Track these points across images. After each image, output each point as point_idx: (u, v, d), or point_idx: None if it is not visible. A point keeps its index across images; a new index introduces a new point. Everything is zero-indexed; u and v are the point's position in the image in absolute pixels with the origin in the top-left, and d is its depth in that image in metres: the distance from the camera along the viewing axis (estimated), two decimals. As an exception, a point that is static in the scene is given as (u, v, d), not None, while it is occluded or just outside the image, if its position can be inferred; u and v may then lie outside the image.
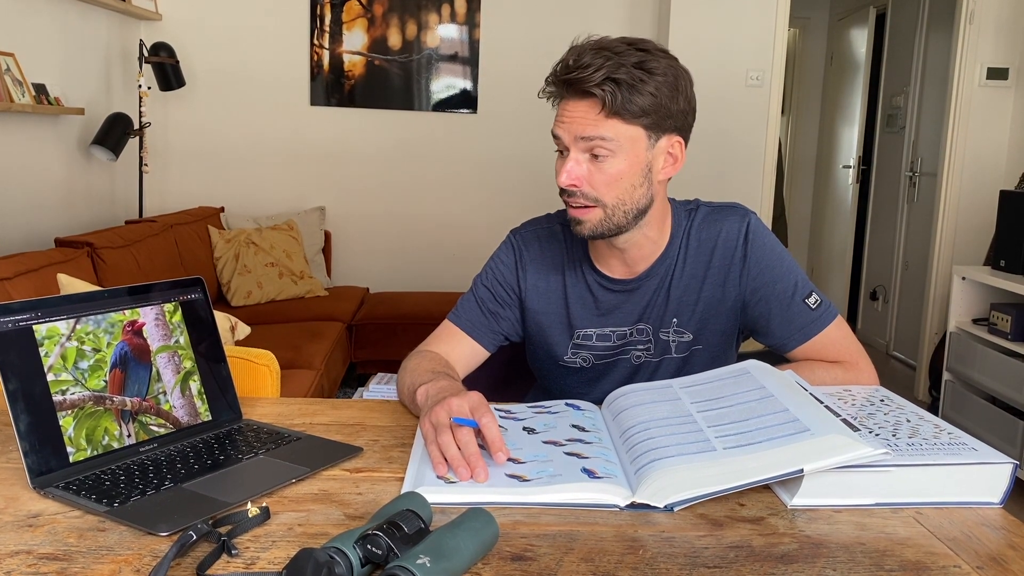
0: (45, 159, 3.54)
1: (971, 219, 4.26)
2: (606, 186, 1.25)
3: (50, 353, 0.98)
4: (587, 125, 1.23)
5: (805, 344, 1.36)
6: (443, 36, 4.63)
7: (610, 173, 1.25)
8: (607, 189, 1.26)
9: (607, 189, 1.26)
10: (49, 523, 0.86)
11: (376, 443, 1.11)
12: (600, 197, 1.26)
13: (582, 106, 1.23)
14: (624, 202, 1.27)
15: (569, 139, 1.25)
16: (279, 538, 0.84)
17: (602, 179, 1.25)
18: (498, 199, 4.73)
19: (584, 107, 1.23)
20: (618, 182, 1.25)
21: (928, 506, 0.94)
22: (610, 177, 1.25)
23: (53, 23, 3.58)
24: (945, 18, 4.57)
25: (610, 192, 1.26)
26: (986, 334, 3.48)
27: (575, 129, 1.24)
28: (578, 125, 1.24)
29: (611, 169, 1.24)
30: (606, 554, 0.82)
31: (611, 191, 1.26)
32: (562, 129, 1.26)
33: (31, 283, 2.56)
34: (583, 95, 1.23)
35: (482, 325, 1.43)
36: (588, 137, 1.23)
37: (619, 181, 1.25)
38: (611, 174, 1.25)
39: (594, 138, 1.23)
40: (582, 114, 1.23)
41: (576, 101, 1.24)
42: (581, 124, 1.23)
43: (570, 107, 1.25)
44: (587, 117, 1.23)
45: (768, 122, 4.45)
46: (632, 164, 1.25)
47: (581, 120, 1.23)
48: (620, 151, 1.24)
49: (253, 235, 4.24)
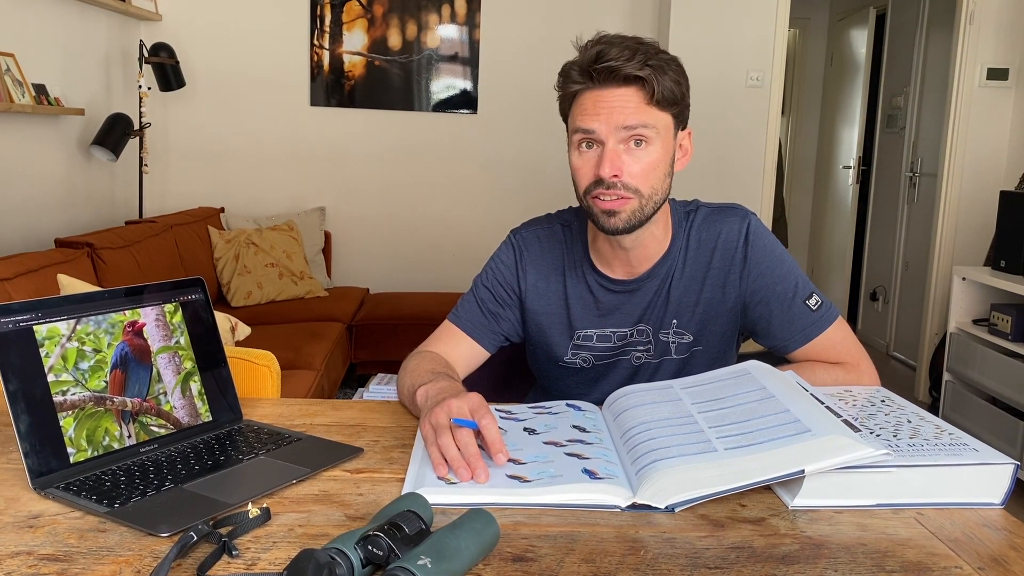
0: (45, 159, 3.54)
1: (971, 219, 4.26)
2: (643, 176, 1.24)
3: (50, 354, 0.98)
4: (630, 113, 1.21)
5: (806, 346, 1.36)
6: (443, 36, 4.63)
7: (648, 162, 1.24)
8: (644, 178, 1.24)
9: (644, 178, 1.24)
10: (50, 524, 0.86)
11: (377, 444, 1.11)
12: (638, 186, 1.24)
13: (623, 94, 1.22)
14: (656, 192, 1.26)
15: (608, 129, 1.22)
16: (280, 539, 0.84)
17: (639, 169, 1.24)
18: (498, 199, 4.73)
19: (625, 95, 1.22)
20: (654, 171, 1.25)
21: (929, 507, 0.94)
22: (647, 166, 1.24)
23: (53, 23, 3.58)
24: (945, 18, 4.57)
25: (646, 181, 1.25)
26: (986, 335, 3.47)
27: (617, 118, 1.21)
28: (619, 114, 1.21)
29: (649, 157, 1.24)
30: (607, 555, 0.82)
31: (647, 180, 1.25)
32: (598, 120, 1.22)
33: (31, 284, 2.56)
34: (622, 83, 1.21)
35: (482, 326, 1.43)
36: (631, 125, 1.22)
37: (655, 170, 1.25)
38: (648, 163, 1.24)
39: (637, 126, 1.22)
40: (623, 102, 1.21)
41: (613, 89, 1.22)
42: (623, 112, 1.21)
43: (607, 96, 1.22)
44: (628, 105, 1.21)
45: (768, 123, 4.45)
46: (665, 153, 1.26)
47: (623, 108, 1.21)
48: (657, 139, 1.24)
49: (253, 235, 4.24)
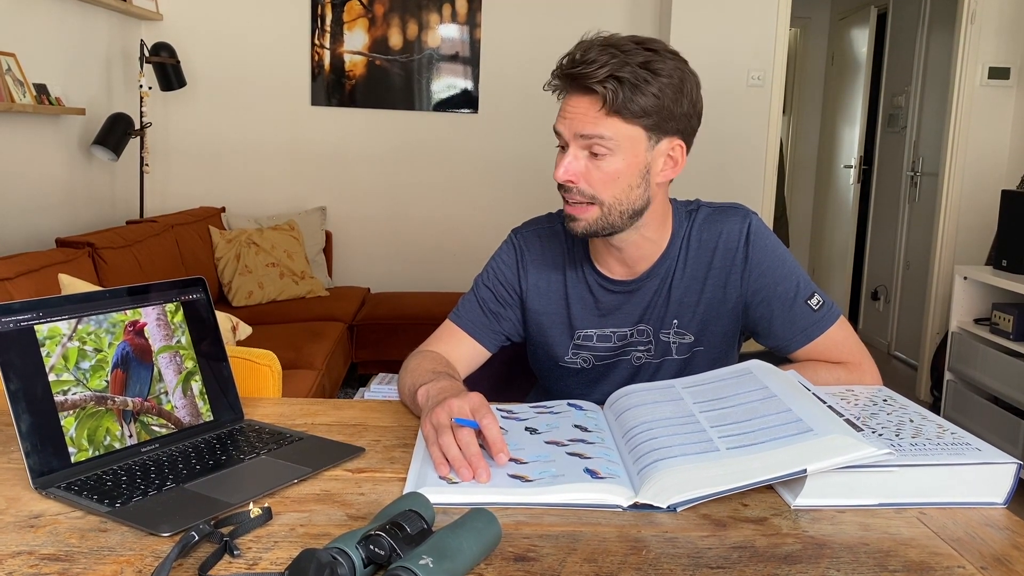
0: (46, 159, 3.54)
1: (972, 219, 4.26)
2: (603, 185, 1.25)
3: (51, 353, 0.98)
4: (587, 122, 1.22)
5: (808, 345, 1.35)
6: (444, 36, 4.63)
7: (607, 172, 1.24)
8: (604, 188, 1.25)
9: (604, 188, 1.25)
10: (51, 524, 0.86)
11: (378, 443, 1.11)
12: (597, 195, 1.25)
13: (584, 102, 1.23)
14: (620, 202, 1.26)
15: (569, 135, 1.25)
16: (281, 539, 0.84)
17: (599, 177, 1.24)
18: (499, 199, 4.72)
19: (586, 103, 1.23)
20: (615, 181, 1.25)
21: (932, 506, 0.94)
22: (607, 176, 1.24)
23: (54, 23, 3.58)
24: (946, 18, 4.57)
25: (607, 191, 1.25)
26: (988, 334, 3.47)
27: (575, 126, 1.23)
28: (578, 122, 1.23)
29: (608, 168, 1.24)
30: (609, 554, 0.81)
31: (608, 190, 1.25)
32: (563, 125, 1.25)
33: (32, 283, 2.56)
34: (585, 91, 1.22)
35: (483, 325, 1.43)
36: (587, 135, 1.23)
37: (616, 180, 1.25)
38: (608, 173, 1.24)
39: (592, 136, 1.22)
40: (583, 111, 1.23)
41: (578, 97, 1.23)
42: (581, 121, 1.23)
43: (572, 103, 1.24)
44: (587, 114, 1.22)
45: (769, 122, 4.44)
46: (630, 164, 1.25)
47: (581, 117, 1.23)
48: (619, 150, 1.23)
49: (254, 235, 4.24)
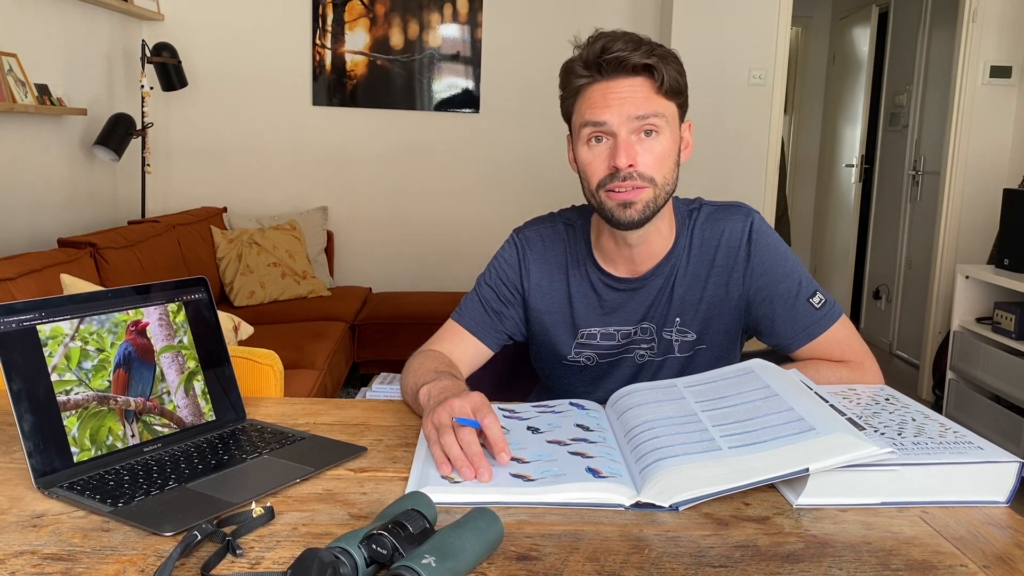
0: (48, 159, 3.54)
1: (974, 217, 4.25)
2: (656, 165, 1.25)
3: (54, 353, 0.98)
4: (641, 102, 1.22)
5: (810, 344, 1.35)
6: (445, 36, 4.63)
7: (659, 151, 1.25)
8: (658, 168, 1.25)
9: (658, 168, 1.25)
10: (53, 523, 0.86)
11: (380, 443, 1.11)
12: (653, 175, 1.25)
13: (633, 84, 1.23)
14: (668, 182, 1.27)
15: (620, 120, 1.23)
16: (284, 538, 0.84)
17: (651, 158, 1.24)
18: (500, 198, 4.72)
19: (635, 84, 1.23)
20: (666, 160, 1.26)
21: (934, 505, 0.94)
22: (659, 155, 1.25)
23: (55, 24, 3.58)
24: (948, 16, 4.56)
25: (660, 171, 1.25)
26: (990, 333, 3.47)
27: (628, 108, 1.22)
28: (629, 104, 1.22)
29: (660, 147, 1.25)
30: (611, 553, 0.81)
31: (660, 169, 1.25)
32: (610, 112, 1.23)
33: (34, 283, 2.56)
34: (631, 73, 1.22)
35: (486, 324, 1.43)
36: (643, 115, 1.22)
37: (667, 159, 1.26)
38: (660, 152, 1.25)
39: (649, 115, 1.23)
40: (634, 92, 1.23)
41: (622, 80, 1.23)
42: (634, 102, 1.22)
43: (615, 87, 1.23)
44: (639, 94, 1.22)
45: (771, 121, 4.44)
46: (674, 143, 1.27)
47: (633, 98, 1.22)
48: (667, 128, 1.25)
49: (256, 235, 4.24)
